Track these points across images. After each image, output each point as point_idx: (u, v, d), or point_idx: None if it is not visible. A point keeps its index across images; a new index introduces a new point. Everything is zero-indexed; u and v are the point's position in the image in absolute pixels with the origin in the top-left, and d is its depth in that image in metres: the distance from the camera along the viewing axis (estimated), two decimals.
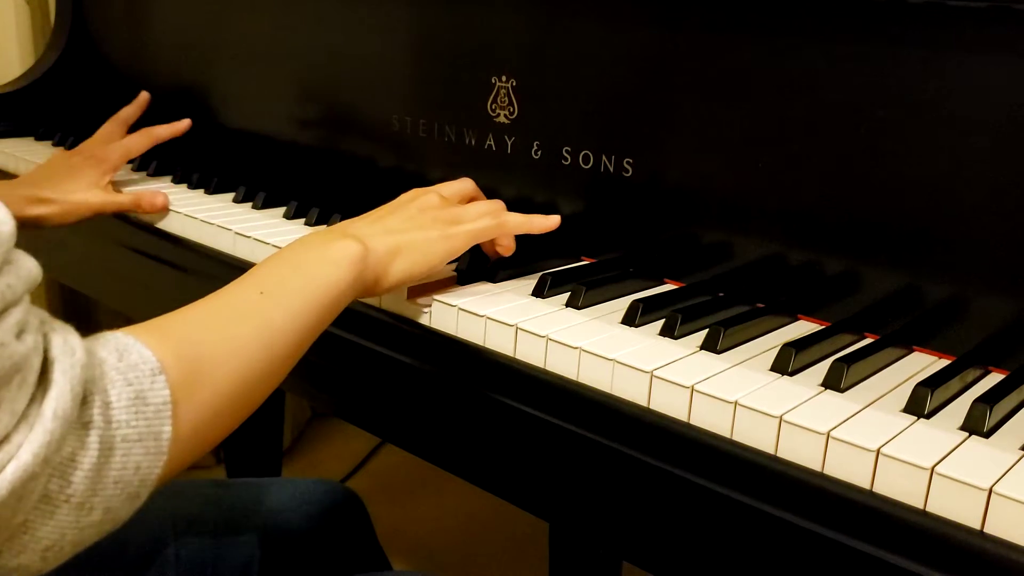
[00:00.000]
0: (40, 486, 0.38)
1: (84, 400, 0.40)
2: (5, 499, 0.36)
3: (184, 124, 1.01)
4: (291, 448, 1.83)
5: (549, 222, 0.72)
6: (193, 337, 0.48)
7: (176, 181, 1.02)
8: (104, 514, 0.41)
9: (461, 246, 0.66)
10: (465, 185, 0.73)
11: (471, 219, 0.67)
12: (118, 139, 0.97)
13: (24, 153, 1.12)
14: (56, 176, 0.89)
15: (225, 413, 0.49)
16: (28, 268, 0.39)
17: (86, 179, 0.90)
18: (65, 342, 0.40)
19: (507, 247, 0.71)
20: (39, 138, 1.22)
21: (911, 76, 0.60)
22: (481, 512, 1.63)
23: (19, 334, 0.37)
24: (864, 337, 0.64)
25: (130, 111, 1.03)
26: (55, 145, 1.18)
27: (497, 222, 0.68)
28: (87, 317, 1.59)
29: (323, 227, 0.67)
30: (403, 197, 0.69)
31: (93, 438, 0.39)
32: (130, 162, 1.08)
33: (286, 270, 0.57)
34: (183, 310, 0.51)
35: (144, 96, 1.06)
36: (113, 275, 1.00)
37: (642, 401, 0.55)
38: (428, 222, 0.65)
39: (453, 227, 0.66)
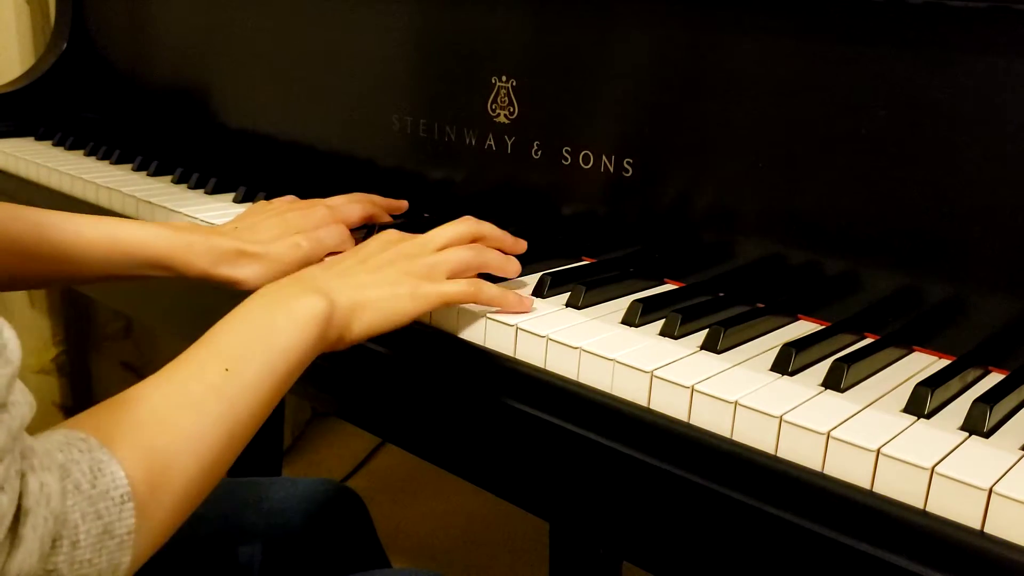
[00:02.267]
0: None
1: (52, 545, 0.39)
2: None
3: (403, 205, 0.87)
4: (291, 448, 1.83)
5: (523, 305, 0.64)
6: (161, 442, 0.46)
7: (176, 181, 1.02)
8: None
9: (429, 307, 0.62)
10: (458, 229, 0.67)
11: (445, 278, 0.63)
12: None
13: (24, 153, 1.12)
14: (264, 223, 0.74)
15: (185, 508, 0.48)
16: (22, 415, 0.37)
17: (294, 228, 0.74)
18: (41, 487, 0.38)
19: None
20: (39, 138, 1.22)
21: (911, 76, 0.60)
22: (481, 512, 1.63)
23: None
24: (864, 337, 0.64)
25: (382, 205, 0.85)
26: (55, 145, 1.18)
27: (472, 291, 0.62)
28: (87, 317, 1.60)
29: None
30: (372, 245, 0.65)
31: None
32: (129, 162, 1.08)
33: (253, 339, 0.54)
34: (151, 393, 0.49)
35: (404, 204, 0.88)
36: None
37: (642, 401, 0.55)
38: (399, 276, 0.61)
39: (424, 286, 0.61)
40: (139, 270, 0.71)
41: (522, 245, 0.71)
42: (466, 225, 0.67)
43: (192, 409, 0.49)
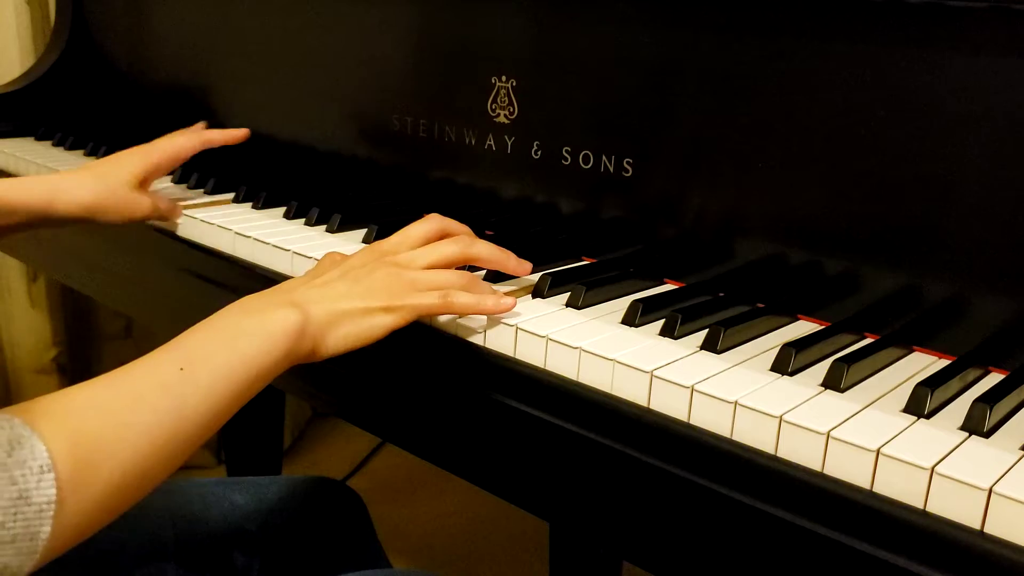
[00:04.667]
0: None
1: None
2: None
3: (242, 133, 0.94)
4: (291, 448, 1.83)
5: (503, 306, 0.63)
6: (92, 426, 0.46)
7: (175, 181, 1.02)
8: None
9: (404, 321, 0.61)
10: (445, 253, 0.65)
11: (421, 292, 0.62)
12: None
13: (24, 153, 1.12)
14: (93, 167, 0.84)
15: (119, 498, 0.47)
16: None
17: (126, 171, 0.83)
18: None
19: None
20: (39, 138, 1.22)
21: (911, 76, 0.60)
22: (481, 512, 1.63)
23: None
24: (864, 337, 0.64)
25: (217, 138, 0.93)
26: (55, 145, 1.18)
27: (444, 303, 0.62)
28: (87, 317, 1.60)
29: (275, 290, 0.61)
30: (357, 257, 0.65)
31: None
32: None
33: (217, 342, 0.54)
34: (93, 385, 0.49)
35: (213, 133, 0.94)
36: (112, 274, 1.00)
37: (642, 401, 0.55)
38: (374, 290, 0.61)
39: (399, 299, 0.61)
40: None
41: (526, 266, 0.69)
42: (456, 247, 0.65)
43: (134, 400, 0.49)
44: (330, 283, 0.61)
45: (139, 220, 0.84)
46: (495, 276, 0.71)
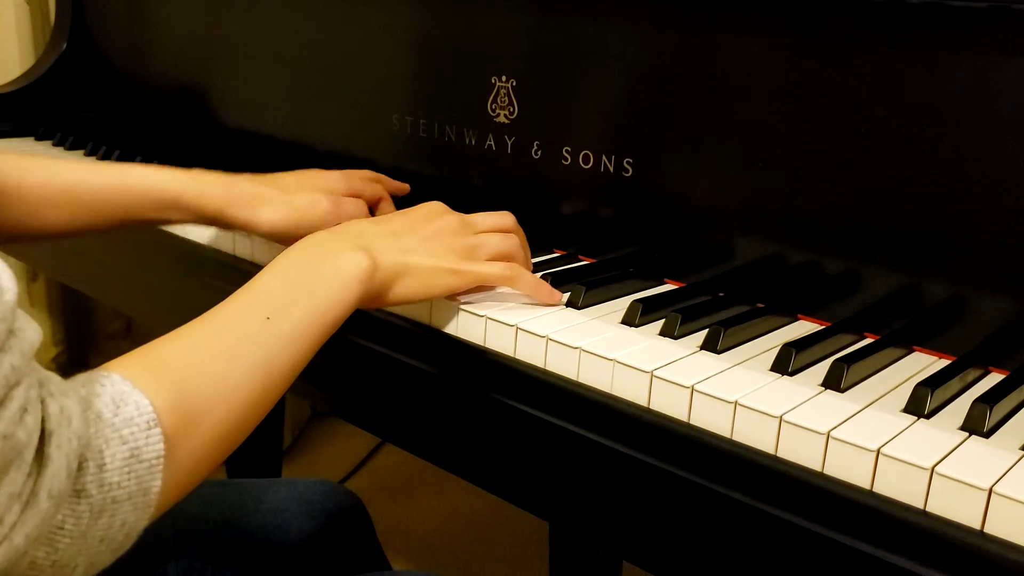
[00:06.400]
0: (28, 559, 0.38)
1: (78, 467, 0.39)
2: None
3: (406, 188, 0.87)
4: (291, 448, 1.83)
5: (555, 297, 0.66)
6: (192, 377, 0.47)
7: None
8: (87, 569, 0.41)
9: (467, 285, 0.63)
10: (502, 220, 0.68)
11: (486, 259, 0.64)
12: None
13: (24, 153, 1.12)
14: (279, 180, 0.75)
15: (218, 451, 0.48)
16: (31, 339, 0.38)
17: (319, 208, 0.73)
18: (62, 410, 0.39)
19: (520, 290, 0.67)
20: (39, 138, 1.22)
21: (911, 76, 0.60)
22: (481, 512, 1.63)
23: (22, 415, 0.36)
24: (864, 337, 0.64)
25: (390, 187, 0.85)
26: (55, 145, 1.18)
27: (510, 275, 0.64)
28: (87, 317, 1.59)
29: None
30: (422, 211, 0.65)
31: (84, 506, 0.39)
32: (129, 161, 1.08)
33: (296, 290, 0.54)
34: (184, 336, 0.49)
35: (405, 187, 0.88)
36: (112, 274, 1.00)
37: (642, 401, 0.55)
38: (443, 250, 0.62)
39: (464, 263, 0.62)
40: (152, 213, 0.71)
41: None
42: (511, 220, 0.68)
43: (225, 355, 0.49)
44: (399, 234, 0.62)
45: (322, 224, 0.72)
46: None
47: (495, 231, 0.66)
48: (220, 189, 0.71)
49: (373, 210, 0.81)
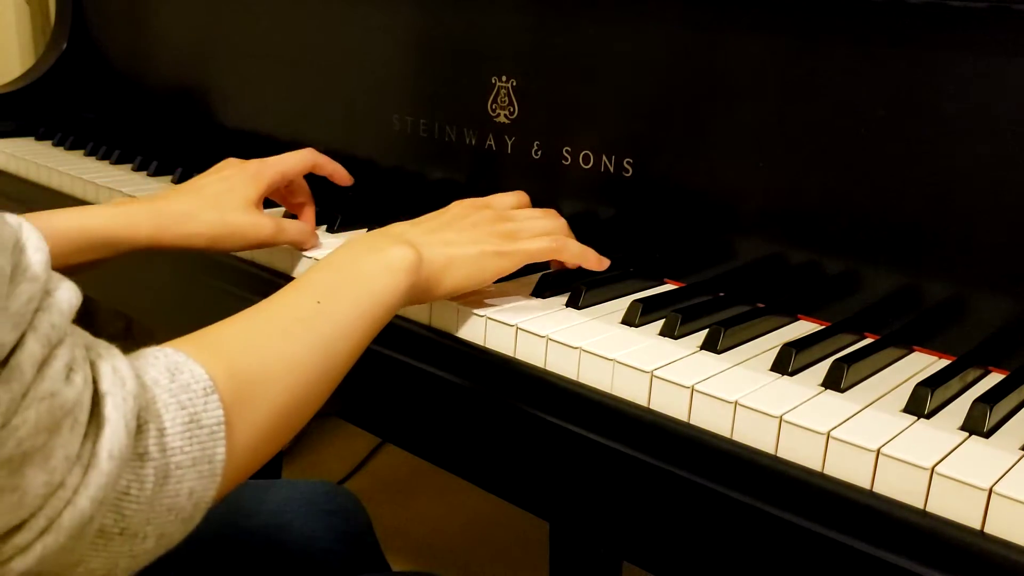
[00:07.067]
0: (96, 525, 0.37)
1: (138, 429, 0.38)
2: (63, 544, 0.35)
3: (348, 180, 0.84)
4: (291, 448, 1.83)
5: (603, 263, 0.68)
6: (246, 353, 0.46)
7: (175, 181, 1.02)
8: (158, 540, 0.41)
9: (514, 265, 0.64)
10: (520, 199, 0.71)
11: (528, 238, 0.65)
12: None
13: (24, 153, 1.12)
14: (202, 191, 0.74)
15: (278, 430, 0.47)
16: (68, 298, 0.36)
17: (239, 195, 0.74)
18: (114, 371, 0.38)
19: (562, 264, 0.70)
20: (40, 138, 1.22)
21: (911, 76, 0.60)
22: (481, 512, 1.63)
23: (68, 375, 0.35)
24: (864, 337, 0.64)
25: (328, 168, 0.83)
26: (55, 145, 1.18)
27: (555, 246, 0.65)
28: (87, 317, 1.59)
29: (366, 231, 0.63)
30: (456, 209, 0.66)
31: (148, 470, 0.38)
32: (129, 162, 1.08)
33: (343, 278, 0.54)
34: (235, 320, 0.49)
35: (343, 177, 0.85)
36: (112, 274, 1.00)
37: (642, 401, 0.55)
38: (484, 236, 0.63)
39: (509, 244, 0.63)
40: (82, 256, 0.70)
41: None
42: (526, 197, 0.70)
43: (279, 335, 0.49)
44: (437, 230, 0.62)
45: (262, 245, 0.75)
46: None
47: (516, 207, 0.68)
48: (148, 216, 0.71)
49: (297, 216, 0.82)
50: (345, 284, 0.54)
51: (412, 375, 0.66)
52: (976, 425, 0.50)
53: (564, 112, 0.79)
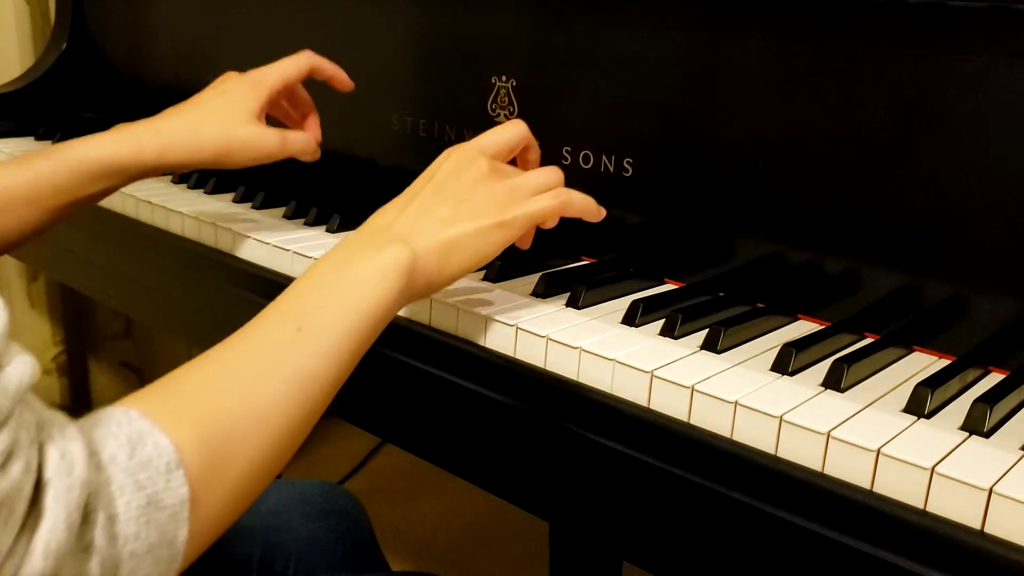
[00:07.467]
0: None
1: (84, 519, 0.35)
2: None
3: (349, 84, 0.80)
4: None
5: (602, 213, 0.63)
6: (219, 409, 0.42)
7: (175, 181, 1.02)
8: None
9: (517, 233, 0.58)
10: (516, 131, 0.63)
11: (529, 198, 0.59)
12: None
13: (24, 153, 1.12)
14: (203, 105, 0.73)
15: (252, 487, 0.44)
16: (20, 375, 0.33)
17: (242, 107, 0.72)
18: (63, 456, 0.35)
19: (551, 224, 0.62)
20: (39, 138, 1.22)
21: (911, 76, 0.60)
22: (481, 512, 1.63)
23: (5, 463, 0.32)
24: (864, 337, 0.64)
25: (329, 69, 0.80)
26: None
27: (558, 204, 0.59)
28: (87, 317, 1.59)
29: (346, 233, 0.58)
30: (447, 165, 0.59)
31: (94, 563, 0.35)
32: None
33: (328, 296, 0.50)
34: (208, 363, 0.45)
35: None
36: (112, 274, 1.00)
37: (642, 401, 0.55)
38: (481, 206, 0.57)
39: (509, 210, 0.57)
40: (94, 186, 0.69)
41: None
42: (523, 127, 0.64)
43: (255, 374, 0.45)
44: (429, 208, 0.57)
45: (268, 158, 0.73)
46: (505, 270, 0.71)
47: (514, 147, 0.62)
48: (152, 136, 0.70)
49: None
50: (330, 300, 0.50)
51: (411, 375, 0.66)
52: (976, 425, 0.50)
53: (564, 112, 0.79)
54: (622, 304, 0.67)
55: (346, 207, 0.86)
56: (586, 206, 0.62)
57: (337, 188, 0.99)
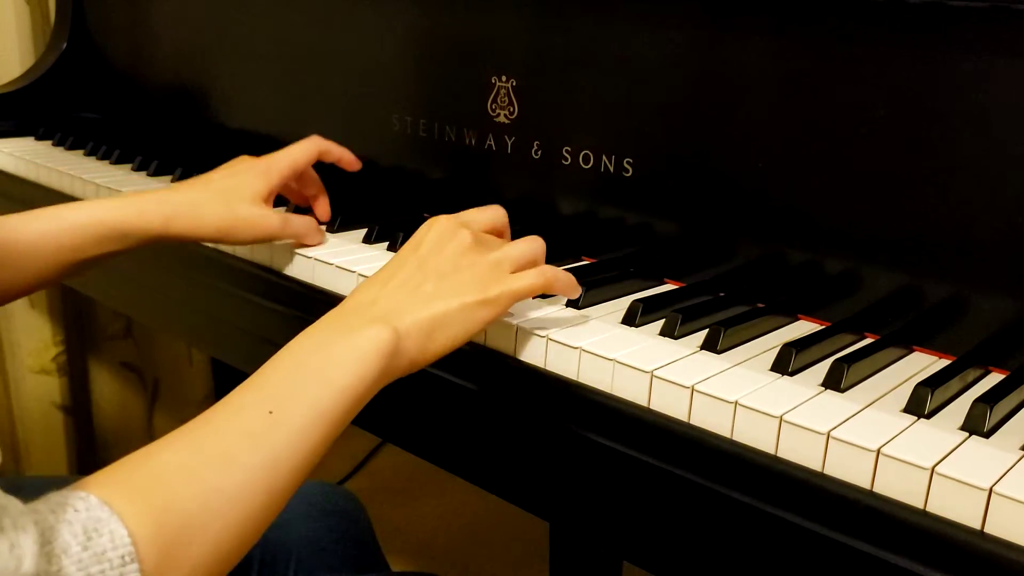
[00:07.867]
0: None
1: None
2: None
3: (356, 164, 0.84)
4: None
5: (579, 290, 0.63)
6: (181, 499, 0.41)
7: (175, 181, 1.02)
8: None
9: (502, 311, 0.57)
10: (496, 215, 0.64)
11: (512, 271, 0.58)
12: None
13: (24, 153, 1.12)
14: (211, 184, 0.74)
15: (214, 573, 0.43)
16: None
17: (248, 189, 0.74)
18: (12, 548, 0.34)
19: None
20: (39, 138, 1.22)
21: (911, 76, 0.60)
22: (481, 512, 1.63)
23: None
24: (864, 337, 0.64)
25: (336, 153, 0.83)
26: (55, 145, 1.18)
27: (542, 282, 0.58)
28: (87, 317, 1.59)
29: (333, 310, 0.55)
30: (431, 236, 0.59)
31: None
32: (129, 162, 1.08)
33: (304, 376, 0.49)
34: (176, 443, 0.44)
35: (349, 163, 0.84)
36: (112, 274, 1.00)
37: (642, 401, 0.55)
38: (465, 282, 0.56)
39: (494, 287, 0.56)
40: (95, 249, 0.70)
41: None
42: (502, 212, 0.65)
43: (223, 460, 0.44)
44: (413, 284, 0.56)
45: (269, 238, 0.75)
46: None
47: (488, 227, 0.63)
48: (158, 207, 0.71)
49: (312, 209, 0.84)
50: (305, 382, 0.48)
51: (411, 375, 0.66)
52: (976, 425, 0.50)
53: (564, 112, 0.79)
54: (622, 304, 0.67)
55: (346, 207, 0.86)
56: (568, 284, 0.61)
57: (337, 188, 0.99)
